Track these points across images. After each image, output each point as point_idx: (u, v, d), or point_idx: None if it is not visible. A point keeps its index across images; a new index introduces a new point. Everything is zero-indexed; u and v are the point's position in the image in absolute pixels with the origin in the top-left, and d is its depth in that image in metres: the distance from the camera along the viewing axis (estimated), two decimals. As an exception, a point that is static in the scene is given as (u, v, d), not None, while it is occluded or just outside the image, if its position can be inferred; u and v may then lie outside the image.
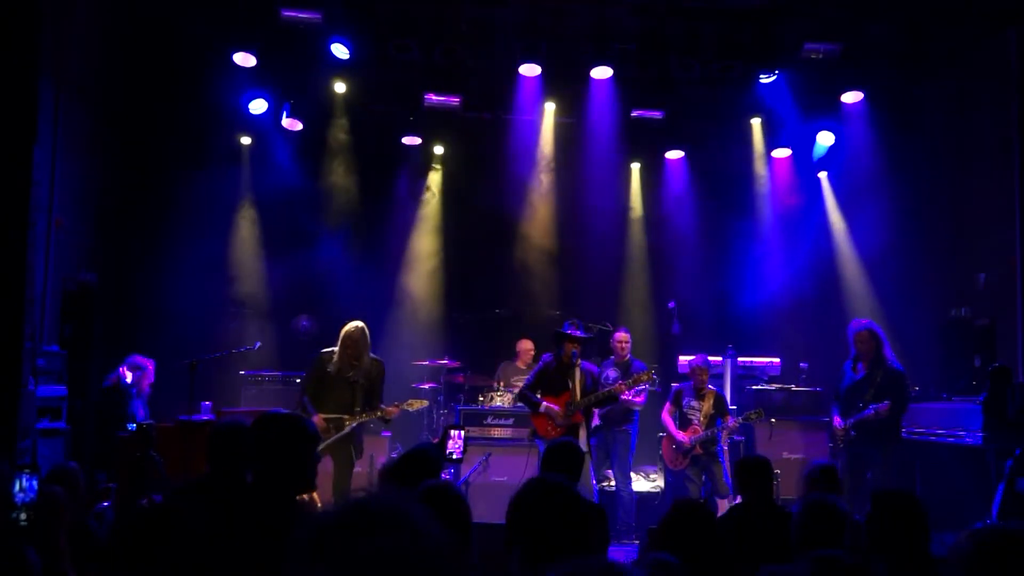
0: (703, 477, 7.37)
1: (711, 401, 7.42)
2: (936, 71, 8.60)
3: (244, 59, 8.27)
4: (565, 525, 2.31)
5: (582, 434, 6.88)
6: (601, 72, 8.69)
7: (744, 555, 3.40)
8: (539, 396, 6.94)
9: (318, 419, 6.34)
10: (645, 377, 7.08)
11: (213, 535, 2.43)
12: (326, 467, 6.36)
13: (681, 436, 7.37)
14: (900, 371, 6.93)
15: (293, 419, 2.92)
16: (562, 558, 2.26)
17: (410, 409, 6.90)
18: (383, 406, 6.58)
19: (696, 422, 7.36)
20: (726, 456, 7.49)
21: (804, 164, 9.84)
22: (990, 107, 8.43)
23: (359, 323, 6.57)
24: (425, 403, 7.17)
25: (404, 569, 1.16)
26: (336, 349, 6.55)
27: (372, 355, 6.62)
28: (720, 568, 2.96)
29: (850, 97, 9.03)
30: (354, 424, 6.50)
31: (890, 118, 9.02)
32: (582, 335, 6.97)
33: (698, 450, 7.29)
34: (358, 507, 1.22)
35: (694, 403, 7.46)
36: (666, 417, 7.61)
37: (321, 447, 6.35)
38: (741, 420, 7.31)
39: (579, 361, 6.92)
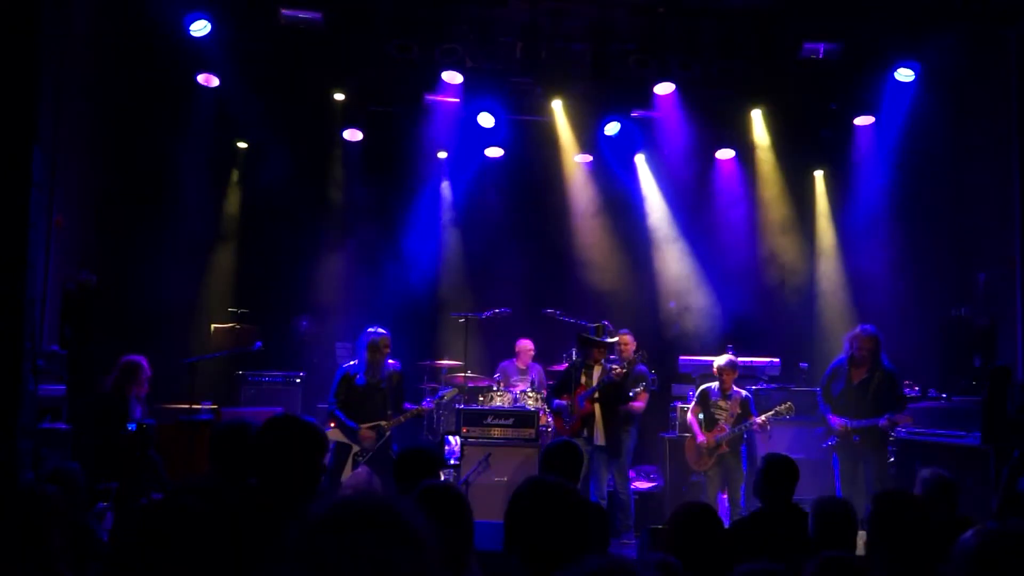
0: (722, 480, 7.32)
1: (738, 403, 7.34)
2: (936, 71, 8.59)
3: (243, 59, 8.26)
4: (564, 525, 2.31)
5: (597, 429, 7.08)
6: (601, 72, 8.68)
7: (764, 556, 3.38)
8: (555, 396, 7.42)
9: (364, 430, 6.76)
10: (644, 357, 7.47)
11: (214, 535, 2.42)
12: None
13: (701, 437, 7.33)
14: (896, 372, 7.09)
15: (306, 424, 2.90)
16: (562, 558, 2.26)
17: (444, 400, 7.42)
18: (413, 406, 7.11)
19: (723, 421, 7.30)
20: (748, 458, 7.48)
21: (804, 164, 9.84)
22: (990, 107, 8.43)
23: (384, 331, 7.05)
24: (456, 391, 7.65)
25: (391, 567, 1.16)
26: (357, 363, 7.01)
27: (390, 361, 7.10)
28: (725, 571, 2.95)
29: (847, 97, 9.02)
30: (392, 426, 6.92)
31: (890, 118, 9.02)
32: (606, 340, 7.44)
33: (724, 448, 7.23)
34: (346, 506, 1.22)
35: (721, 403, 7.39)
36: (691, 419, 7.56)
37: (366, 456, 6.74)
38: (772, 414, 7.22)
39: (602, 362, 7.39)
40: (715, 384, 7.53)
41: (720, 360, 7.58)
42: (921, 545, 3.04)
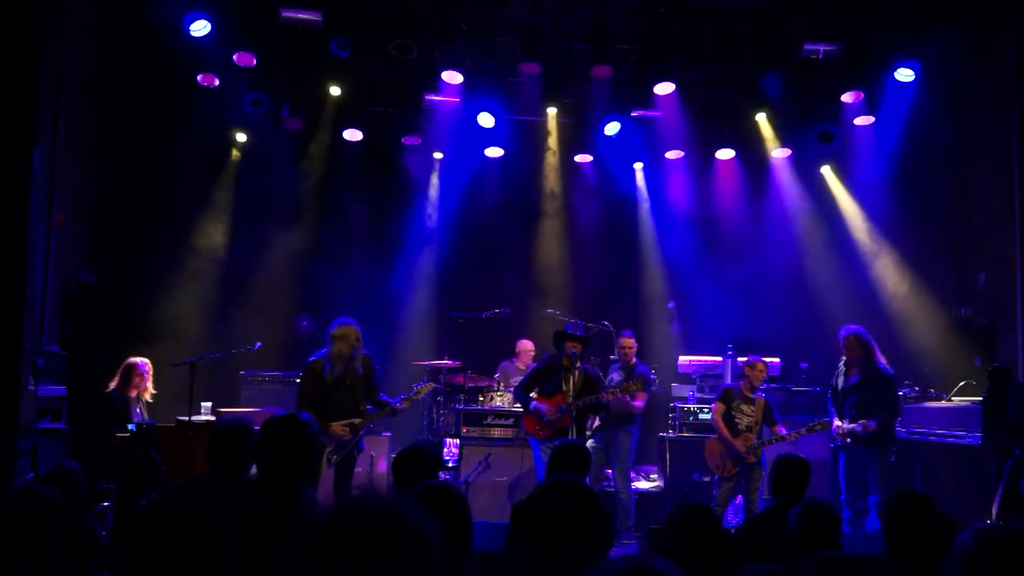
0: (740, 481, 7.22)
1: (761, 407, 7.19)
2: (936, 71, 8.60)
3: (244, 59, 8.27)
4: (580, 524, 2.31)
5: (571, 436, 6.91)
6: (601, 72, 8.68)
7: (777, 556, 3.39)
8: (532, 395, 7.00)
9: (337, 427, 6.18)
10: (634, 387, 7.09)
11: (214, 535, 2.42)
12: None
13: (734, 442, 7.13)
14: (890, 377, 6.99)
15: (300, 422, 3.04)
16: (568, 556, 2.26)
17: (418, 397, 6.74)
18: (392, 403, 6.47)
19: (749, 430, 7.13)
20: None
21: (804, 164, 9.84)
22: (990, 107, 8.43)
23: (351, 321, 6.41)
24: (431, 386, 7.11)
25: (398, 570, 1.16)
26: (328, 353, 6.32)
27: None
28: (723, 571, 2.95)
29: (850, 97, 9.03)
30: (368, 423, 6.43)
31: (890, 118, 9.02)
32: (582, 334, 7.01)
33: (751, 458, 7.08)
34: (354, 508, 1.22)
35: (744, 407, 7.22)
36: (717, 419, 7.30)
37: (340, 456, 6.24)
38: (805, 431, 7.00)
39: (579, 364, 6.93)
40: (739, 383, 7.35)
41: (749, 357, 7.42)
42: (935, 545, 3.03)
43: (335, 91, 9.07)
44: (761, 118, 9.54)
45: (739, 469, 7.14)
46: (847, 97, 9.01)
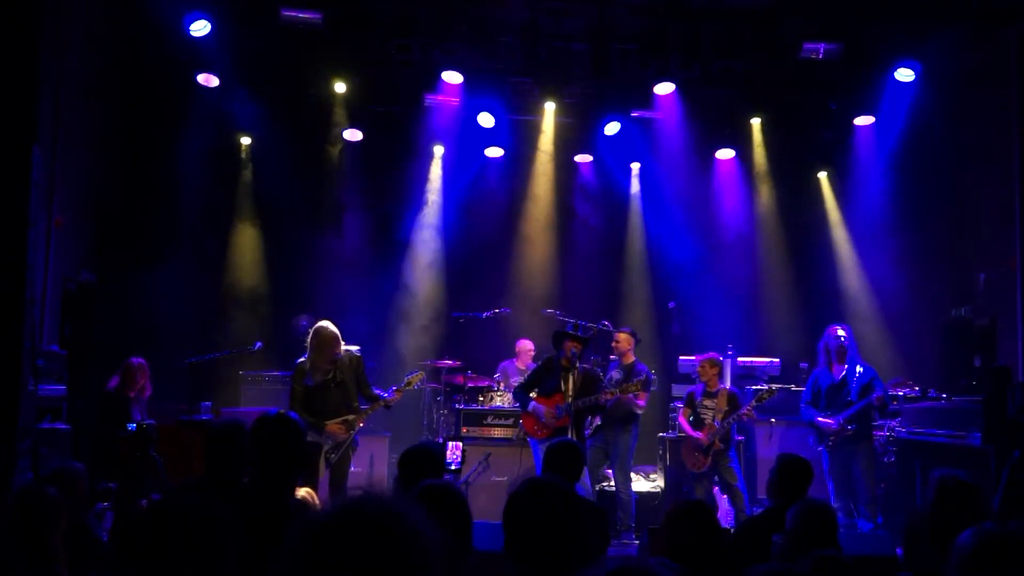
0: (714, 477, 7.27)
1: (724, 397, 7.26)
2: (936, 71, 8.60)
3: (243, 59, 8.28)
4: (561, 525, 2.31)
5: (571, 436, 6.90)
6: (601, 72, 8.69)
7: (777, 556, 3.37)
8: (531, 396, 7.00)
9: (332, 425, 6.15)
10: (633, 388, 7.07)
11: (212, 535, 2.43)
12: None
13: (695, 433, 7.21)
14: (873, 374, 7.21)
15: (287, 419, 3.09)
16: (560, 558, 2.26)
17: (410, 387, 6.65)
18: (384, 395, 6.44)
19: (715, 421, 7.16)
20: (739, 456, 7.42)
21: (804, 164, 9.84)
22: (990, 107, 8.43)
23: (327, 323, 6.33)
24: (422, 375, 6.96)
25: (397, 570, 1.16)
26: (310, 357, 6.26)
27: (346, 348, 6.38)
28: (721, 568, 2.95)
29: (847, 97, 9.02)
30: (363, 419, 6.38)
31: (890, 118, 9.02)
32: (581, 335, 7.02)
33: (718, 445, 7.12)
34: (353, 508, 1.22)
35: (707, 402, 7.31)
36: (682, 420, 7.45)
37: (338, 454, 6.21)
38: (755, 402, 7.16)
39: (578, 364, 6.93)
40: (701, 385, 7.44)
41: (702, 356, 7.54)
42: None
43: (336, 91, 9.09)
44: (760, 118, 9.54)
45: (711, 462, 7.16)
46: (845, 97, 9.02)
